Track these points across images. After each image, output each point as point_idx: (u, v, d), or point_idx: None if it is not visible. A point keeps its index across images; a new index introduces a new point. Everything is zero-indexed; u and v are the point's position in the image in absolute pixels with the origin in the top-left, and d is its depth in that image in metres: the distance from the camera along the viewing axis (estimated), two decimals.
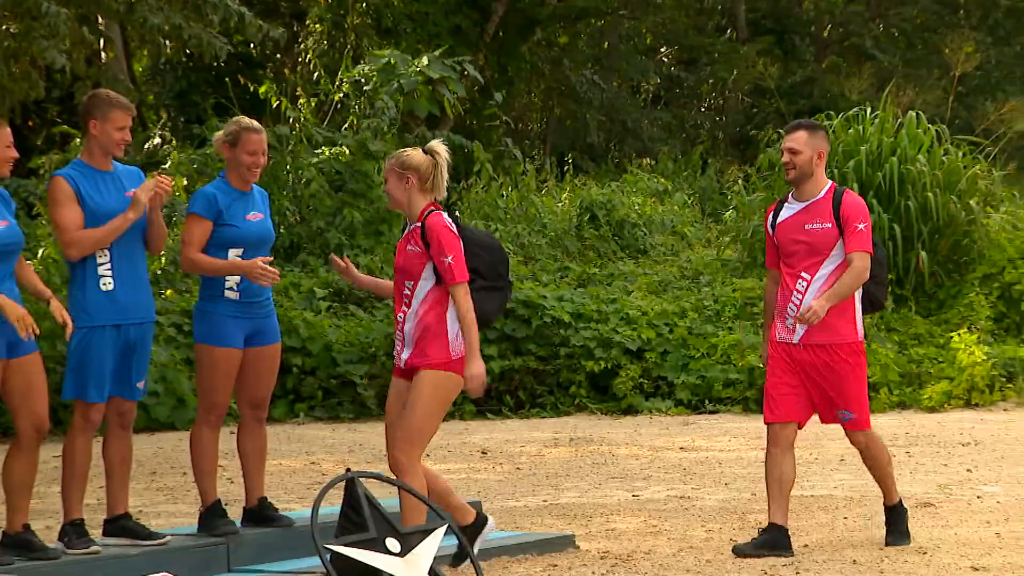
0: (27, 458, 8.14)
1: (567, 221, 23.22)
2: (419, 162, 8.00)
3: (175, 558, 8.22)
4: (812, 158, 8.89)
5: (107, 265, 8.28)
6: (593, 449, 14.45)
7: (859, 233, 8.81)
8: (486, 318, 8.07)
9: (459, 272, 7.87)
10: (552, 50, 33.22)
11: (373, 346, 17.60)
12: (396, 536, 7.55)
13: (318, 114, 22.28)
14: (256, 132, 8.73)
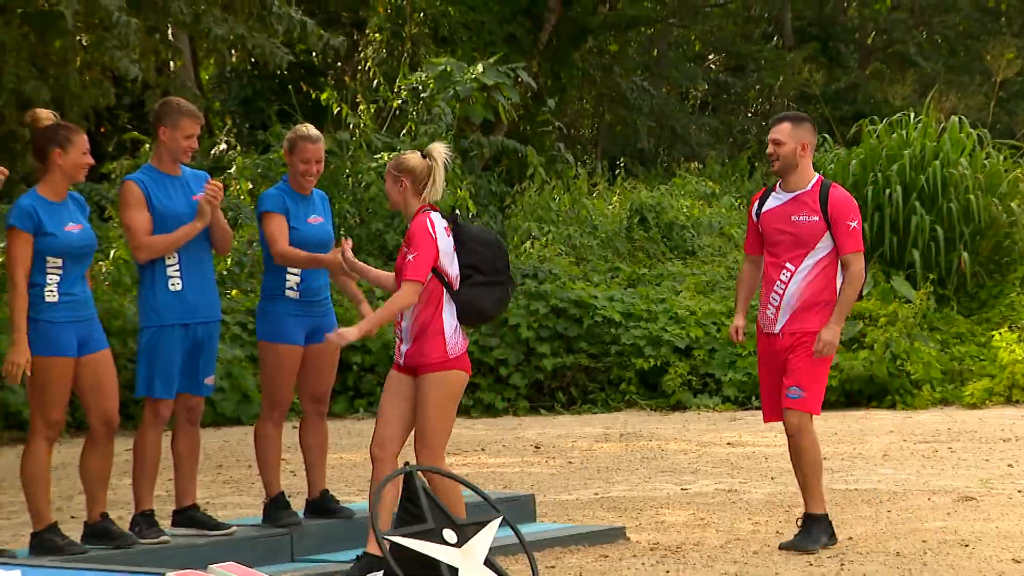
0: (101, 452, 8.21)
1: (617, 223, 23.18)
2: (414, 165, 7.88)
3: (241, 548, 8.27)
4: (796, 149, 8.73)
5: (175, 266, 8.33)
6: (643, 444, 14.44)
7: (852, 232, 8.65)
8: (484, 312, 7.93)
9: (414, 270, 7.68)
10: (603, 57, 33.19)
11: None
12: (453, 527, 7.57)
13: (377, 120, 22.33)
14: (311, 141, 8.76)
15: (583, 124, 35.20)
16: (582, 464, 13.24)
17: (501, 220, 23.18)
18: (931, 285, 18.66)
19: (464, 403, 17.32)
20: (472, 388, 17.47)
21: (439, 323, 7.76)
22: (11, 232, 7.84)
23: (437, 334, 7.75)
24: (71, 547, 7.98)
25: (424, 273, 7.69)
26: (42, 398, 7.98)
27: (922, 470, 12.26)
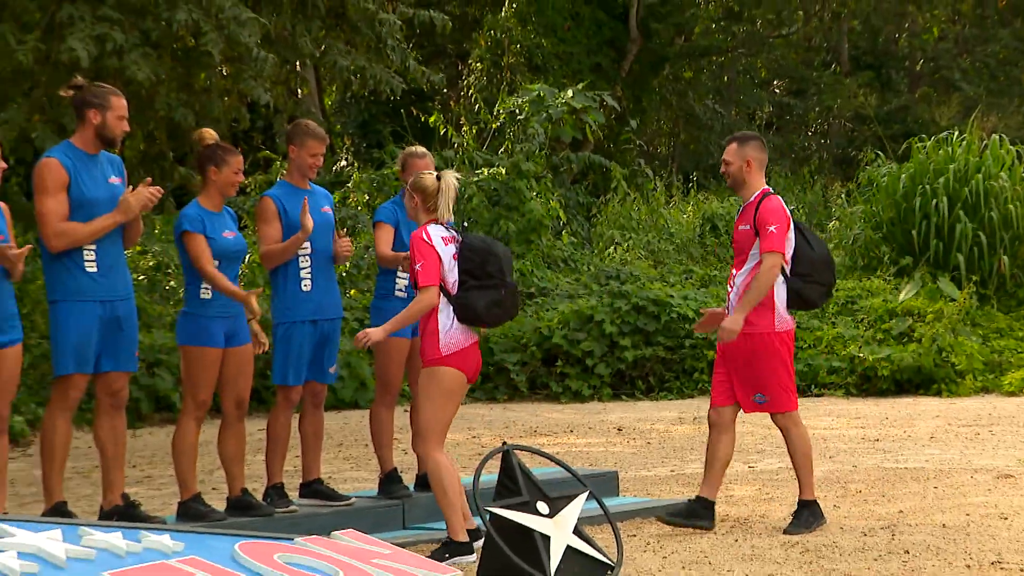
0: (234, 432, 8.30)
1: (691, 230, 23.11)
2: (426, 185, 7.77)
3: (359, 517, 8.33)
4: (741, 167, 8.52)
5: (308, 269, 8.43)
6: None
7: (769, 235, 8.31)
8: (477, 314, 7.65)
9: (424, 277, 7.56)
10: (679, 83, 33.09)
11: (524, 338, 17.65)
12: (546, 500, 7.58)
13: (478, 139, 22.39)
14: (420, 157, 8.85)
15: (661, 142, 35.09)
16: (660, 444, 13.21)
17: (588, 228, 23.17)
18: (973, 286, 18.50)
19: (554, 390, 17.35)
20: (562, 376, 17.48)
21: (434, 324, 7.62)
22: (186, 235, 7.99)
23: (432, 334, 7.63)
24: (213, 514, 8.07)
25: (434, 277, 7.57)
26: (193, 382, 8.09)
27: (965, 451, 12.13)
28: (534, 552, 7.26)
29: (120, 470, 7.97)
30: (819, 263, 8.50)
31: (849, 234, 20.97)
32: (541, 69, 26.98)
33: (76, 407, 7.88)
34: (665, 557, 7.91)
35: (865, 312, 18.26)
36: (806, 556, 7.83)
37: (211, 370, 8.07)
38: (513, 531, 7.34)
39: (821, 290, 8.54)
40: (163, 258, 18.97)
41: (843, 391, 17.00)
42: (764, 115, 37.27)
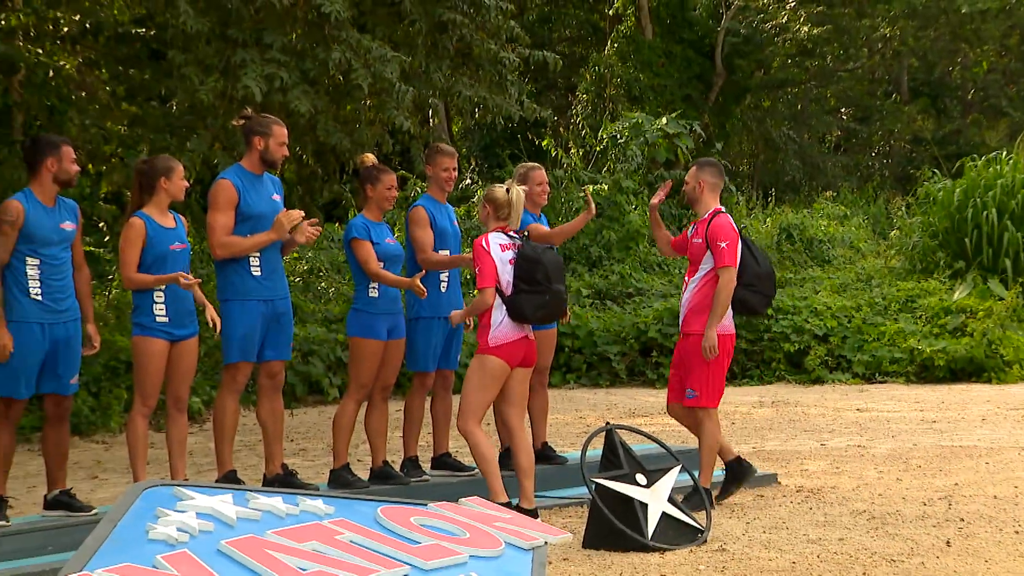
0: (379, 411, 8.35)
1: (770, 239, 22.85)
2: (497, 197, 7.66)
3: (482, 486, 8.32)
4: (695, 187, 8.27)
5: (446, 272, 8.49)
6: (789, 410, 14.22)
7: (722, 251, 8.05)
8: (525, 315, 7.53)
9: (480, 280, 7.52)
10: (758, 111, 32.79)
11: (623, 332, 17.57)
12: (643, 473, 7.54)
13: (584, 160, 22.35)
14: (537, 169, 8.88)
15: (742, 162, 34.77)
16: (742, 424, 13.08)
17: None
18: (1020, 286, 18.13)
19: (650, 376, 17.25)
20: (656, 365, 17.37)
21: (487, 319, 7.57)
22: (354, 242, 8.06)
23: (485, 327, 7.58)
24: (358, 482, 8.12)
25: (489, 281, 7.51)
26: (358, 369, 8.15)
27: (1013, 431, 11.87)
28: (634, 517, 7.24)
29: (279, 444, 8.05)
30: (764, 276, 8.28)
31: (909, 242, 20.64)
32: (638, 100, 26.87)
33: (242, 390, 7.97)
34: (748, 523, 7.83)
35: (923, 310, 17.95)
36: (872, 523, 7.71)
37: (374, 359, 8.13)
38: (615, 499, 7.32)
39: (764, 300, 8.31)
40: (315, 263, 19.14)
41: (904, 379, 16.71)
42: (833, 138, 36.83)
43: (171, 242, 7.52)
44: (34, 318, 7.17)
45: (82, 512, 7.32)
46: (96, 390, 13.16)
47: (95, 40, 13.28)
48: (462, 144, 28.61)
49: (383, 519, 5.65)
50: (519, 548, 5.70)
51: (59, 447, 7.42)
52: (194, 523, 5.20)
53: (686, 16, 28.87)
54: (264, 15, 11.15)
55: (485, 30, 12.78)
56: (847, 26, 30.84)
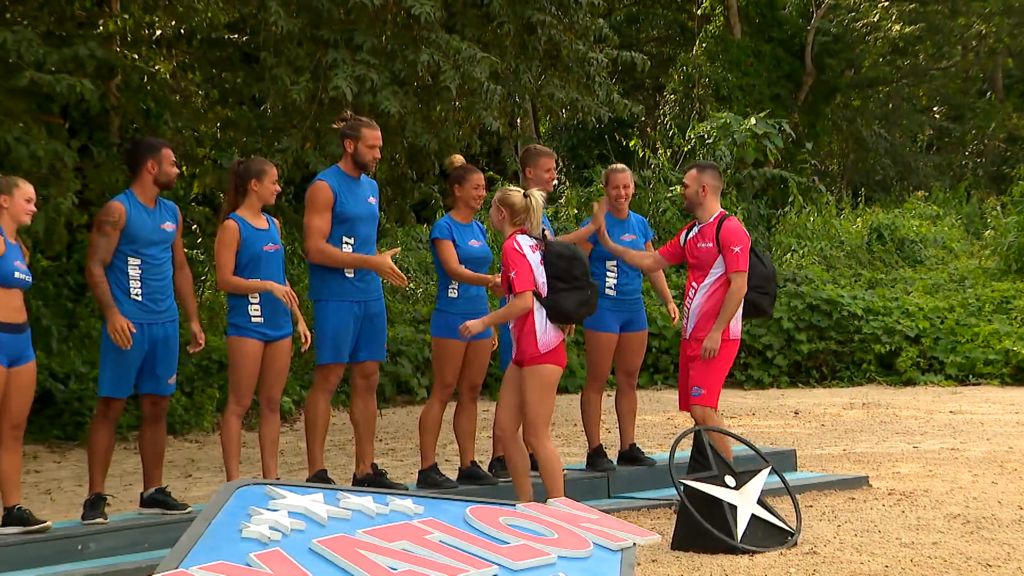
0: (468, 412, 8.39)
1: (860, 239, 22.59)
2: (515, 201, 7.35)
3: (570, 486, 8.31)
4: (697, 191, 8.06)
5: None
6: (881, 411, 14.04)
7: (735, 255, 7.89)
8: (567, 314, 7.28)
9: (518, 283, 7.20)
10: (848, 110, 32.42)
11: None
12: (732, 474, 7.49)
13: (672, 161, 22.26)
14: (619, 172, 8.84)
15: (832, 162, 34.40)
16: (832, 426, 12.94)
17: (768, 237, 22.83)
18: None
19: (738, 378, 17.13)
20: (744, 367, 17.25)
21: (531, 325, 7.25)
22: (436, 242, 8.12)
23: (530, 334, 7.26)
24: (447, 483, 8.15)
25: (528, 284, 7.23)
26: (442, 368, 8.20)
27: None
28: (723, 519, 7.19)
29: (371, 444, 8.10)
30: (770, 277, 8.17)
31: (1004, 242, 20.31)
32: (727, 99, 26.69)
33: (334, 390, 8.03)
34: (839, 526, 7.74)
35: (1019, 311, 17.64)
36: (967, 527, 7.59)
37: (456, 359, 8.15)
38: (704, 501, 7.28)
39: (771, 301, 8.24)
40: (404, 264, 19.25)
41: (998, 381, 16.44)
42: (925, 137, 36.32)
43: (264, 243, 7.61)
44: (134, 318, 7.28)
45: (177, 510, 7.43)
46: (189, 390, 13.35)
47: (189, 44, 13.47)
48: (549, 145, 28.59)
49: (472, 519, 5.67)
50: (607, 549, 5.69)
51: (156, 446, 7.54)
52: (286, 522, 5.25)
53: (775, 15, 28.63)
54: (355, 16, 11.24)
55: (573, 31, 12.77)
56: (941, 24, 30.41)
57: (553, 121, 27.29)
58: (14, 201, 6.87)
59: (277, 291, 7.46)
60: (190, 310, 7.62)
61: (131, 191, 7.41)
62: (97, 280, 7.20)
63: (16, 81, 9.60)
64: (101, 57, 10.12)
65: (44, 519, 7.03)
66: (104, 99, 11.32)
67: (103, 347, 7.35)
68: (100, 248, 7.22)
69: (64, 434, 12.28)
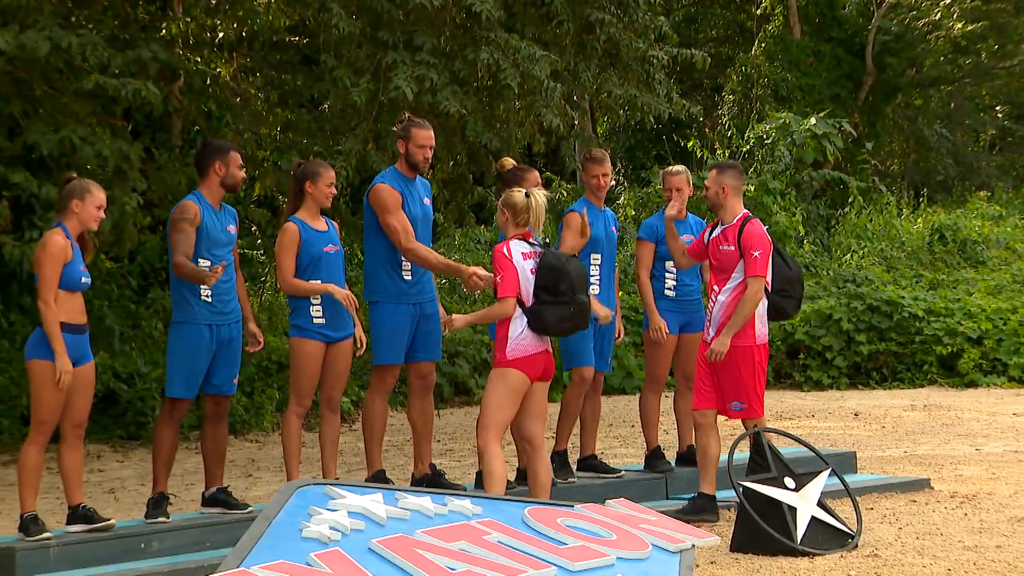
0: None
1: (921, 239, 22.37)
2: (516, 202, 7.20)
3: (628, 488, 8.31)
4: (718, 192, 7.88)
5: (597, 276, 8.50)
6: (942, 413, 13.89)
7: (753, 260, 7.70)
8: (546, 327, 7.10)
9: (500, 289, 7.07)
10: (909, 110, 32.12)
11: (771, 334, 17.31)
12: (792, 476, 7.44)
13: None
14: (674, 175, 8.79)
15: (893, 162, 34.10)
16: (893, 428, 12.82)
17: (827, 237, 22.67)
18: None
19: (797, 379, 17.01)
20: (803, 367, 17.14)
21: (505, 330, 7.10)
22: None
23: (503, 339, 7.11)
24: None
25: (512, 290, 7.07)
26: None
27: None
28: (782, 521, 7.15)
29: (428, 444, 8.11)
30: (795, 280, 7.98)
31: None
32: (786, 99, 26.53)
33: (391, 391, 8.06)
34: (900, 528, 7.67)
35: None
36: None
37: None
38: (763, 503, 7.23)
39: (796, 304, 8.04)
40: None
41: None
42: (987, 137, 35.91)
43: (324, 245, 7.64)
44: (203, 320, 7.34)
45: (238, 509, 7.48)
46: (250, 390, 13.44)
47: (250, 47, 13.58)
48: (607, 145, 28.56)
49: (530, 520, 5.67)
50: (666, 550, 5.67)
51: (217, 446, 7.59)
52: (346, 522, 5.28)
53: (835, 14, 28.42)
54: (414, 17, 11.28)
55: (633, 29, 12.75)
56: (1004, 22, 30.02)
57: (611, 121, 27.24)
58: (85, 207, 6.94)
59: (337, 294, 7.49)
60: (246, 312, 7.67)
61: (199, 192, 7.46)
62: (181, 264, 7.20)
63: (82, 84, 9.71)
64: (164, 60, 10.21)
65: (108, 518, 7.10)
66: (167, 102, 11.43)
67: (172, 348, 7.41)
68: (181, 244, 7.24)
69: (127, 434, 12.40)
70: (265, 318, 15.39)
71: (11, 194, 11.25)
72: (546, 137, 13.11)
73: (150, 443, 11.75)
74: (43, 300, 6.78)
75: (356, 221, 14.47)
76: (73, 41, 9.37)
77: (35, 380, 6.82)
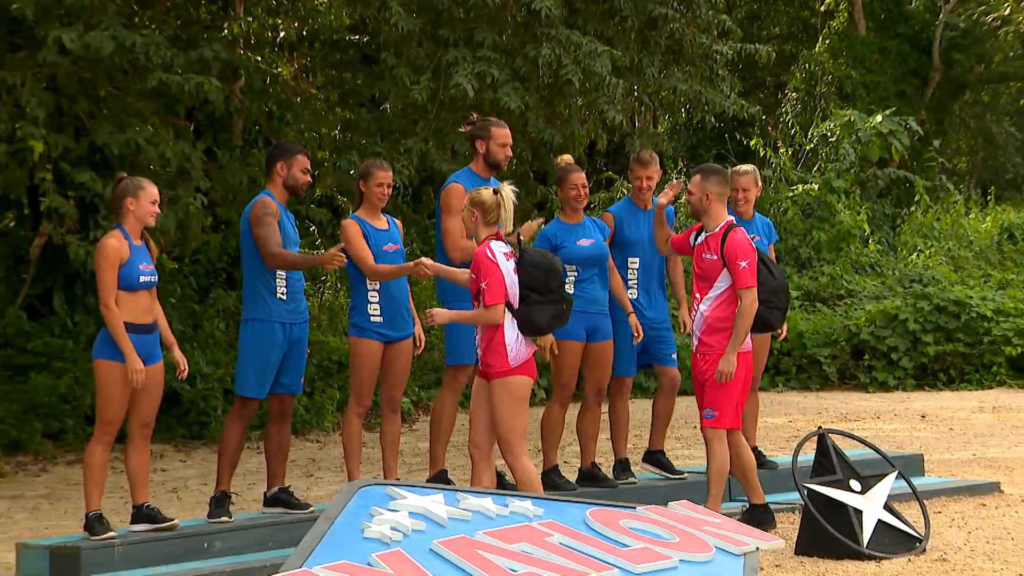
0: (592, 414, 8.41)
1: (989, 238, 22.09)
2: (485, 199, 6.91)
3: (690, 490, 8.27)
4: (702, 198, 7.57)
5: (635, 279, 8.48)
6: (1012, 415, 13.70)
7: (741, 271, 7.42)
8: (539, 327, 6.89)
9: (489, 296, 6.78)
10: (977, 107, 31.73)
11: (834, 335, 17.22)
12: (858, 478, 7.37)
13: (793, 160, 22.02)
14: (741, 175, 8.76)
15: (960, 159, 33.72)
16: (961, 431, 12.67)
17: (892, 236, 22.47)
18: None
19: (862, 380, 16.85)
20: (869, 368, 16.97)
21: (501, 336, 6.83)
22: None
23: (500, 346, 6.83)
24: (566, 484, 8.15)
25: (500, 296, 6.81)
26: (558, 370, 8.20)
27: None
28: (848, 524, 7.09)
29: None
30: (780, 289, 7.72)
31: None
32: (850, 97, 26.30)
33: (462, 391, 8.07)
34: (970, 532, 7.57)
35: None
36: None
37: (573, 360, 8.14)
38: (829, 505, 7.18)
39: (781, 315, 7.78)
40: None
41: None
42: None
43: (384, 243, 7.67)
44: (278, 317, 7.39)
45: (300, 509, 7.52)
46: (310, 390, 13.52)
47: (310, 47, 13.66)
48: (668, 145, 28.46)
49: (592, 521, 5.66)
50: (730, 553, 5.64)
51: (280, 445, 7.63)
52: (407, 522, 5.29)
53: (901, 10, 28.14)
54: (475, 15, 11.31)
55: (696, 25, 12.71)
56: None
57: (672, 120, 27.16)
58: (139, 204, 6.98)
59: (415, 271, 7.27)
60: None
61: (269, 190, 7.51)
62: (279, 254, 7.24)
63: (145, 83, 9.82)
64: (225, 59, 10.30)
65: (171, 518, 7.16)
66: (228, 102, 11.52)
67: (245, 346, 7.43)
68: (272, 237, 7.27)
69: (190, 433, 12.51)
70: (326, 318, 15.47)
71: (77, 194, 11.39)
72: (609, 134, 13.08)
73: (212, 443, 11.89)
74: (104, 304, 6.85)
75: (417, 219, 14.50)
76: (137, 40, 9.46)
77: (101, 380, 6.89)
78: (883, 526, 7.16)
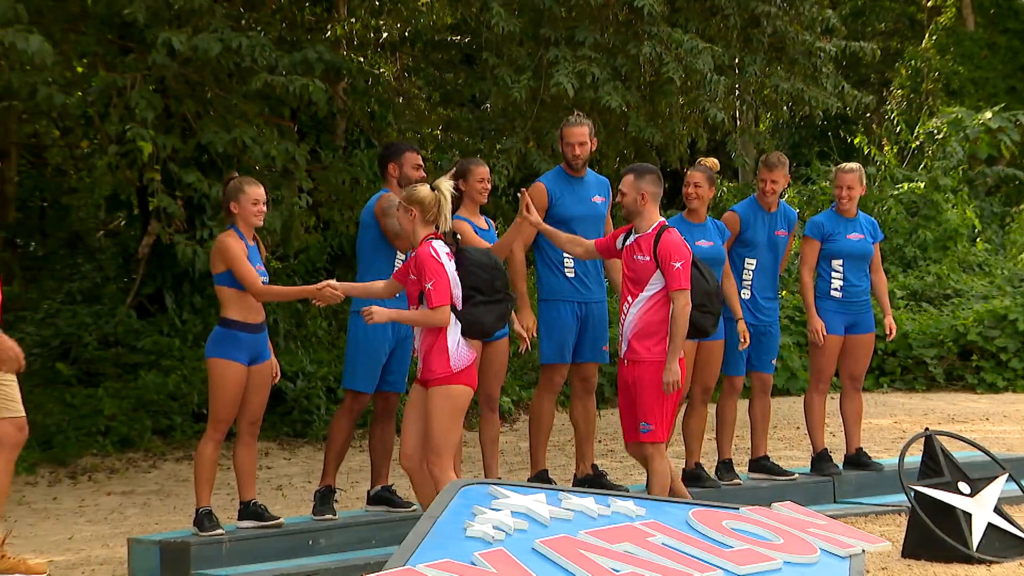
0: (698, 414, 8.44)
1: None
2: (423, 197, 6.63)
3: (794, 491, 8.21)
4: (636, 199, 7.24)
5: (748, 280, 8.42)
6: None
7: (676, 272, 7.12)
8: (484, 329, 6.68)
9: (435, 297, 6.51)
10: None
11: (941, 335, 16.93)
12: (966, 481, 7.26)
13: (898, 158, 21.71)
14: (846, 172, 8.68)
15: None
16: None
17: (1001, 235, 22.05)
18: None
19: (969, 381, 16.53)
20: (977, 369, 16.65)
21: (443, 341, 6.57)
22: None
23: (442, 351, 6.57)
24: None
25: (447, 296, 6.55)
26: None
27: None
28: (956, 527, 6.99)
29: (591, 444, 8.13)
30: (713, 294, 7.39)
31: None
32: (957, 94, 25.85)
33: (559, 390, 8.08)
34: None
35: None
36: None
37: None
38: (936, 508, 7.07)
39: (712, 319, 7.44)
40: None
41: None
42: None
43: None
44: None
45: (403, 508, 7.57)
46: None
47: (412, 47, 13.75)
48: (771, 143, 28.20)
49: (695, 522, 5.63)
50: (835, 555, 5.59)
51: (385, 443, 7.69)
52: (509, 521, 5.31)
53: (1012, 5, 27.57)
54: (576, 14, 11.31)
55: (799, 22, 12.58)
56: None
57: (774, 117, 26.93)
58: (242, 206, 7.03)
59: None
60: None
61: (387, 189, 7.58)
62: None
63: (250, 85, 9.96)
64: (329, 60, 10.41)
65: (277, 516, 7.25)
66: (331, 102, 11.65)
67: (353, 340, 7.47)
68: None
69: (293, 431, 12.65)
70: None
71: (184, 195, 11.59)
72: (710, 132, 13.01)
73: (316, 441, 12.02)
74: (258, 293, 6.89)
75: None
76: (243, 42, 9.61)
77: (214, 379, 6.99)
78: (993, 529, 7.04)
